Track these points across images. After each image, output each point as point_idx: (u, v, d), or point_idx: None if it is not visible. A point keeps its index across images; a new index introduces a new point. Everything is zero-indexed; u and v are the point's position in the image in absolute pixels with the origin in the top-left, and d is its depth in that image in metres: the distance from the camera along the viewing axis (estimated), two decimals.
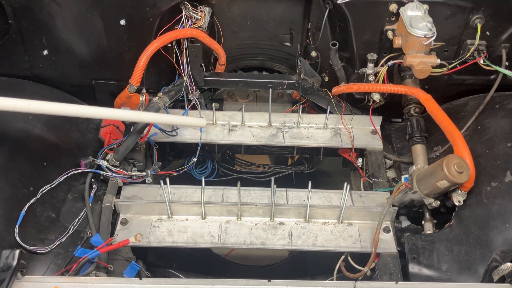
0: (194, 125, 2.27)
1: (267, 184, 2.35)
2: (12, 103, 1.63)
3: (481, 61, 2.17)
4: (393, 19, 2.16)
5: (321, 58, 2.44)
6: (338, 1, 2.12)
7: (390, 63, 2.20)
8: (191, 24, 2.21)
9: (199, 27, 2.22)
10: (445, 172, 1.74)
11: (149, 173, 2.06)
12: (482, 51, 2.17)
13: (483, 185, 1.87)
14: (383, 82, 2.24)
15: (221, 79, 2.41)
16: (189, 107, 2.33)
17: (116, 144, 2.07)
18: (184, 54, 2.23)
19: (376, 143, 2.34)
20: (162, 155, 2.49)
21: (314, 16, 2.36)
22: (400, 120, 2.54)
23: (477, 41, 2.15)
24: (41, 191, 1.85)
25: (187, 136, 2.33)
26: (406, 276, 1.85)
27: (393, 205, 1.97)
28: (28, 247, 1.71)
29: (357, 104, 2.46)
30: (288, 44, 2.57)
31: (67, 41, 2.26)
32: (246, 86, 2.48)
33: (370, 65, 2.24)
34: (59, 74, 2.38)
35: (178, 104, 2.43)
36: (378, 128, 2.38)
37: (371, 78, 2.27)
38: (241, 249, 1.97)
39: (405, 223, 2.07)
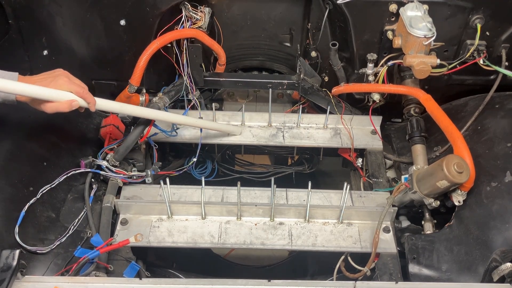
0: (230, 132, 2.34)
1: (267, 184, 2.35)
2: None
3: (481, 61, 2.16)
4: (393, 19, 2.16)
5: (321, 58, 2.44)
6: (338, 1, 2.12)
7: (390, 63, 2.20)
8: (191, 24, 2.21)
9: (199, 27, 2.22)
10: (445, 172, 1.74)
11: (149, 173, 2.06)
12: (482, 51, 2.17)
13: (483, 185, 1.87)
14: (383, 82, 2.24)
15: (221, 79, 2.42)
16: (189, 107, 2.33)
17: (116, 144, 2.08)
18: (184, 54, 2.23)
19: (376, 143, 2.34)
20: (162, 155, 2.49)
21: (314, 16, 2.36)
22: (400, 120, 2.54)
23: (477, 41, 2.15)
24: (41, 191, 1.85)
25: (187, 136, 2.33)
26: (406, 276, 1.85)
27: (393, 205, 1.97)
28: (28, 247, 1.71)
29: (357, 104, 2.46)
30: (288, 44, 2.57)
31: (67, 41, 2.27)
32: (246, 86, 2.48)
33: (370, 65, 2.24)
34: None
35: (178, 104, 2.43)
36: (378, 128, 2.38)
37: (371, 78, 2.27)
38: (241, 249, 1.97)
39: (405, 223, 2.07)
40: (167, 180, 1.94)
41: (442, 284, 1.76)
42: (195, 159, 2.26)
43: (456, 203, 1.87)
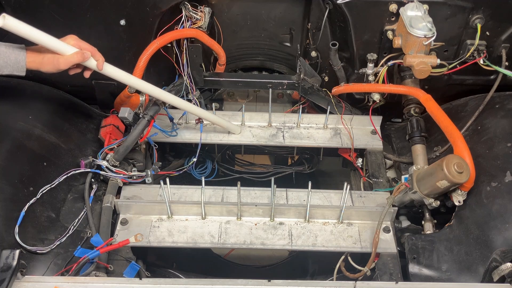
0: (230, 130, 2.33)
1: (267, 184, 2.35)
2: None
3: (481, 61, 2.17)
4: (393, 19, 2.16)
5: (321, 58, 2.44)
6: (338, 1, 2.12)
7: (390, 63, 2.20)
8: (191, 24, 2.21)
9: (199, 27, 2.22)
10: (445, 172, 1.74)
11: (149, 173, 2.06)
12: (482, 51, 2.17)
13: (483, 185, 1.87)
14: (383, 82, 2.24)
15: (221, 79, 2.42)
16: None
17: (116, 144, 2.07)
18: (184, 54, 2.24)
19: (376, 143, 2.34)
20: (162, 155, 2.49)
21: (314, 16, 2.36)
22: (400, 120, 2.54)
23: (477, 41, 2.15)
24: (41, 191, 1.85)
25: (187, 136, 2.33)
26: (406, 276, 1.85)
27: (393, 205, 1.97)
28: (28, 247, 1.71)
29: (357, 104, 2.46)
30: (288, 44, 2.57)
31: None
32: (246, 86, 2.48)
33: (370, 65, 2.25)
34: (59, 74, 2.36)
35: None
36: (378, 128, 2.38)
37: (371, 78, 2.28)
38: (241, 249, 1.97)
39: (405, 223, 2.07)
40: (167, 180, 1.94)
41: (442, 284, 1.76)
42: (195, 159, 2.26)
43: (456, 203, 1.87)
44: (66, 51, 1.75)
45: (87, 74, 1.86)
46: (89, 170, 2.01)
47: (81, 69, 1.83)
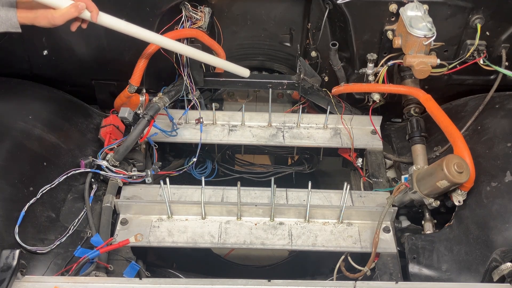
0: (239, 73, 2.31)
1: (267, 184, 2.35)
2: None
3: (481, 61, 2.17)
4: (393, 19, 2.16)
5: (321, 58, 2.44)
6: (338, 1, 2.12)
7: (390, 63, 2.20)
8: (191, 24, 2.21)
9: (199, 27, 2.22)
10: (445, 172, 1.74)
11: (149, 173, 2.06)
12: (482, 51, 2.17)
13: (483, 185, 1.87)
14: (383, 82, 2.24)
15: (221, 79, 2.42)
16: (189, 107, 2.33)
17: (116, 144, 2.08)
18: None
19: (376, 143, 2.34)
20: (162, 155, 2.49)
21: (314, 16, 2.36)
22: (400, 120, 2.54)
23: (477, 41, 2.15)
24: (41, 191, 1.85)
25: (187, 136, 2.33)
26: (406, 276, 1.85)
27: (393, 205, 1.97)
28: (28, 247, 1.71)
29: (357, 104, 2.46)
30: (288, 44, 2.57)
31: (67, 41, 2.26)
32: (246, 86, 2.48)
33: (370, 65, 2.25)
34: (59, 74, 2.38)
35: (178, 104, 2.43)
36: (378, 128, 2.38)
37: (371, 78, 2.28)
38: (241, 249, 1.96)
39: (405, 223, 2.07)
40: (167, 180, 1.94)
41: (442, 284, 1.76)
42: (195, 159, 2.26)
43: (456, 203, 1.87)
44: (60, 5, 1.67)
45: (84, 25, 1.77)
46: (89, 170, 2.01)
47: (80, 21, 1.76)
